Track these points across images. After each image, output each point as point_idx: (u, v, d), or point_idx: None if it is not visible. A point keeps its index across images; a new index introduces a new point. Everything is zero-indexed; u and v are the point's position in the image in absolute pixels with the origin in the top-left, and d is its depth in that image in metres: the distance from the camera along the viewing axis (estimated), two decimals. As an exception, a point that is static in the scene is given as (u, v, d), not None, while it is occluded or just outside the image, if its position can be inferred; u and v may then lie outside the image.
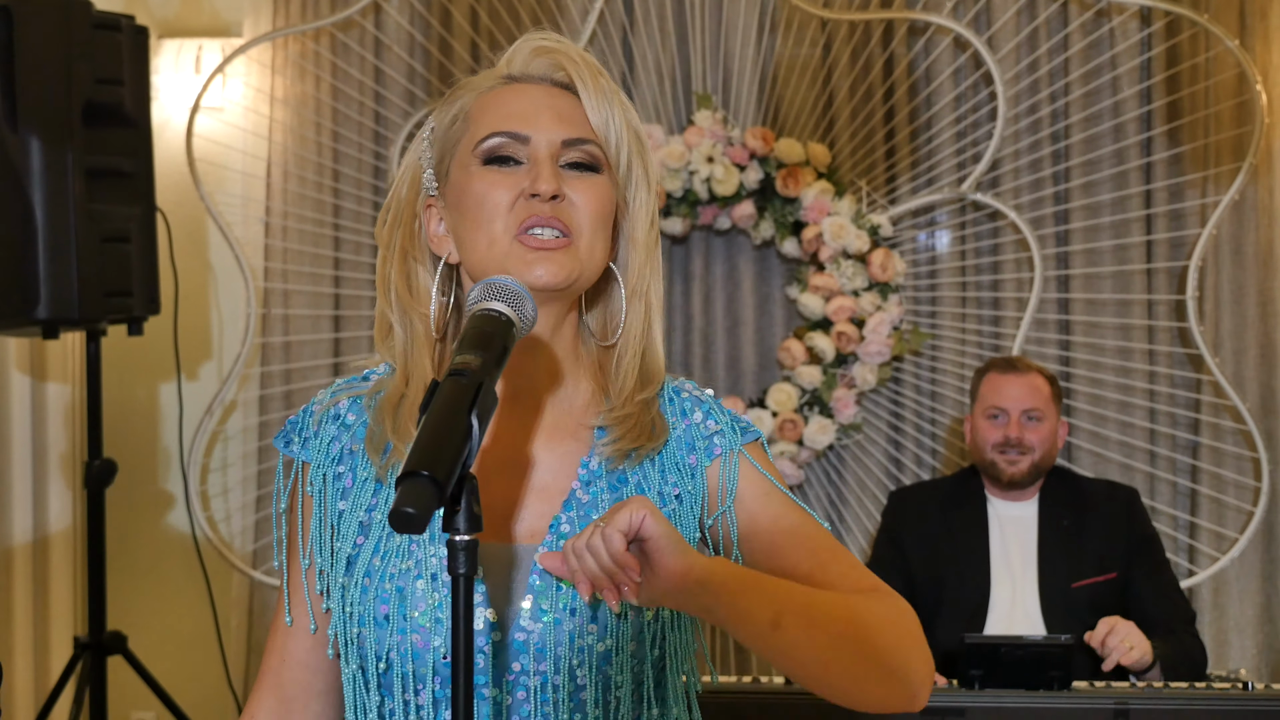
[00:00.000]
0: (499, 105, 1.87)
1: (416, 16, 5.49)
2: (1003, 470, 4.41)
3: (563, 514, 1.83)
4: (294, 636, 1.93)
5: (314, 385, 5.48)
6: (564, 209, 1.82)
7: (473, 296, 1.68)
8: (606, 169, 1.87)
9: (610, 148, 1.87)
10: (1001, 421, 4.42)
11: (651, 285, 1.92)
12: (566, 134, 1.85)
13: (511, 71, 1.91)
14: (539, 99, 1.87)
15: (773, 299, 5.55)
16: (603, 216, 1.85)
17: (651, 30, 5.40)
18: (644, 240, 1.91)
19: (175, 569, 5.50)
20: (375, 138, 5.52)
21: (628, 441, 1.85)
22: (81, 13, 4.40)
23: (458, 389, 1.53)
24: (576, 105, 1.87)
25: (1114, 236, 5.36)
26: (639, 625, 1.79)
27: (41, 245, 4.27)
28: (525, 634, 1.77)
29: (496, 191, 1.83)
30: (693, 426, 1.90)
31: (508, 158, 1.85)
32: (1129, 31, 5.33)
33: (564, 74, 1.89)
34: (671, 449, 1.88)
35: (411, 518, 1.41)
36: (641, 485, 1.86)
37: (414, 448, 1.46)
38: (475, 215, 1.84)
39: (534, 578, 1.79)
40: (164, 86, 5.45)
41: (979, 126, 5.40)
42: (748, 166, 5.34)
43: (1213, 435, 5.31)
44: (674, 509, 1.85)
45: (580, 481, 1.85)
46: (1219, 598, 5.30)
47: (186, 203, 5.40)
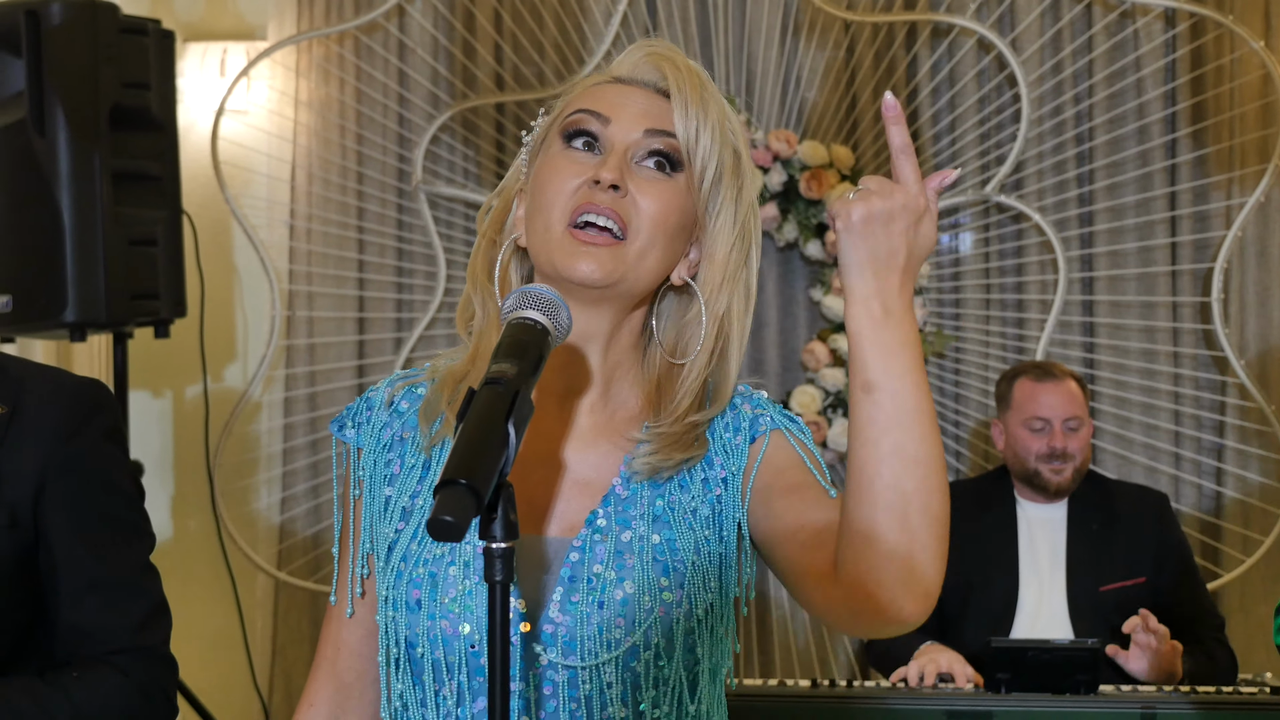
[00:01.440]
0: (594, 94, 1.88)
1: (440, 19, 5.51)
2: (1048, 480, 4.39)
3: (600, 509, 1.82)
4: (348, 625, 1.94)
5: (338, 387, 5.50)
6: (624, 204, 1.81)
7: (507, 305, 1.67)
8: (686, 173, 1.84)
9: (694, 151, 1.84)
10: (1045, 432, 4.39)
11: (731, 309, 1.87)
12: (648, 124, 1.84)
13: (618, 73, 1.90)
14: (633, 97, 1.86)
15: (796, 301, 5.55)
16: (665, 223, 1.82)
17: (675, 32, 5.41)
18: (722, 260, 1.86)
19: (201, 570, 5.52)
20: (399, 140, 5.53)
21: (661, 456, 1.83)
22: (108, 17, 4.42)
23: (494, 397, 1.53)
24: (670, 111, 1.85)
25: (1138, 238, 5.35)
26: (669, 623, 1.79)
27: (69, 248, 4.28)
28: (553, 625, 1.77)
29: (563, 176, 1.82)
30: (741, 414, 1.88)
31: (586, 133, 1.84)
32: (1153, 33, 5.33)
33: (667, 80, 1.86)
34: (719, 433, 1.87)
35: (450, 525, 1.41)
36: (684, 478, 1.85)
37: (452, 456, 1.46)
38: (540, 198, 1.84)
39: (565, 570, 1.79)
40: (189, 90, 5.47)
41: (1003, 128, 5.40)
42: (771, 169, 5.35)
43: (1238, 438, 5.30)
44: (719, 494, 1.84)
45: (621, 478, 1.84)
46: (1245, 600, 5.29)
47: (211, 205, 5.42)
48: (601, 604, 1.77)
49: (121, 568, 2.33)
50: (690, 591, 1.79)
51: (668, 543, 1.81)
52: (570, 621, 1.77)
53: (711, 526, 1.83)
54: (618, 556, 1.79)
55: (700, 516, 1.83)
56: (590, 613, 1.77)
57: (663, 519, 1.82)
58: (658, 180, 1.83)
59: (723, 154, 1.85)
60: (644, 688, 1.79)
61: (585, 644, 1.77)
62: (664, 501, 1.83)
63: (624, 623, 1.77)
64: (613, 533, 1.81)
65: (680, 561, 1.80)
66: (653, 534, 1.81)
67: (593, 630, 1.77)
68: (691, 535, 1.82)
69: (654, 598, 1.77)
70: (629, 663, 1.78)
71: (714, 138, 1.84)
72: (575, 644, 1.77)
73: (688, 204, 1.85)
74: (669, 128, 1.83)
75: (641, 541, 1.80)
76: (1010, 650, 3.86)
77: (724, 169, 1.86)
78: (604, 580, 1.78)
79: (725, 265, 1.87)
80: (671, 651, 1.80)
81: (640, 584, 1.77)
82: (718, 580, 1.83)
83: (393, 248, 5.52)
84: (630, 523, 1.82)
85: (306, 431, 5.50)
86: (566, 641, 1.77)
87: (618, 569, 1.78)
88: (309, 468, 5.50)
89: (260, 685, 5.43)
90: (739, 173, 1.87)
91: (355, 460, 1.93)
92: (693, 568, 1.80)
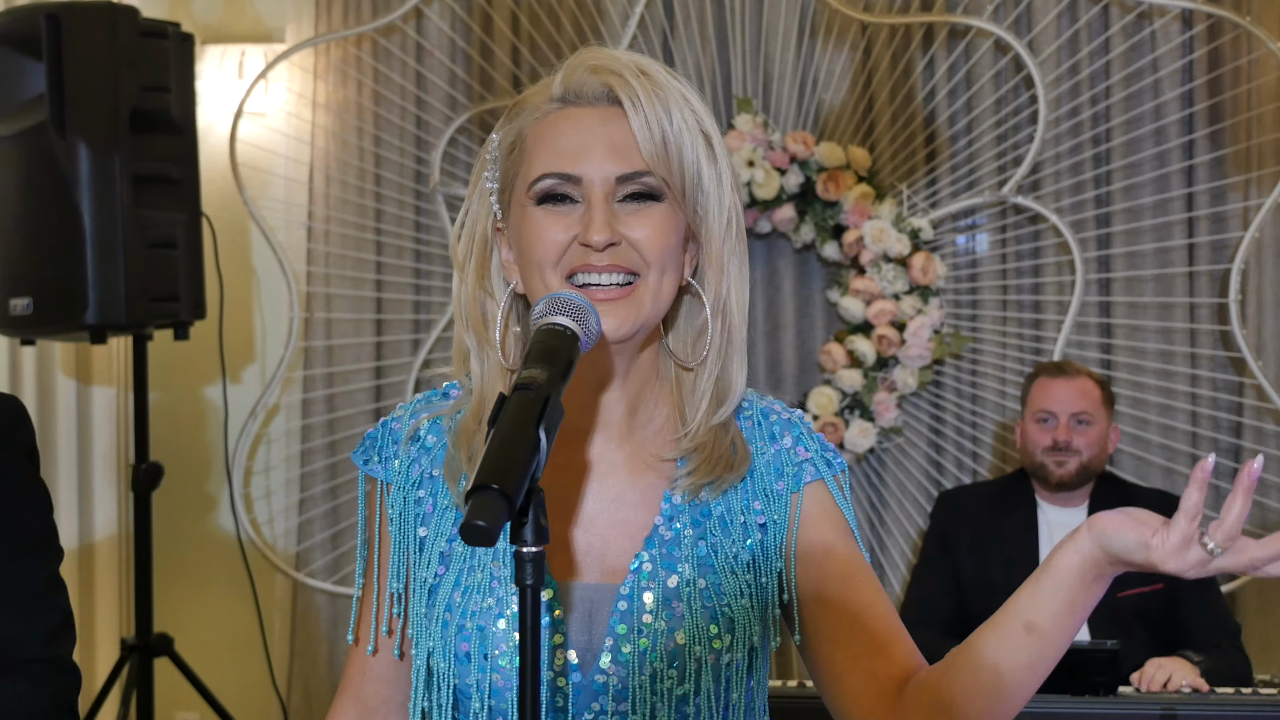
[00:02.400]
0: (552, 139, 1.80)
1: (457, 21, 5.51)
2: (1051, 472, 4.41)
3: (645, 552, 1.81)
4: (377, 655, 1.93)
5: (356, 389, 5.51)
6: (622, 253, 1.78)
7: (537, 311, 1.68)
8: (668, 193, 1.80)
9: (671, 170, 1.79)
10: (1050, 425, 4.44)
11: (730, 297, 1.86)
12: (619, 169, 1.78)
13: (565, 92, 1.82)
14: (591, 129, 1.79)
15: (813, 302, 5.55)
16: (667, 248, 1.79)
17: (692, 34, 5.41)
18: (717, 251, 1.85)
19: (220, 571, 5.53)
20: (417, 142, 5.54)
21: (703, 474, 1.82)
22: (128, 20, 4.43)
23: (525, 403, 1.53)
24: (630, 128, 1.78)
25: (1156, 239, 5.35)
26: (719, 669, 1.79)
27: (89, 251, 4.30)
28: (605, 675, 1.77)
29: (549, 234, 1.78)
30: (782, 452, 1.88)
31: (561, 196, 1.79)
32: (1170, 34, 5.32)
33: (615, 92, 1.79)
34: (760, 474, 1.86)
35: (482, 530, 1.41)
36: (725, 519, 1.84)
37: (483, 462, 1.46)
38: (529, 257, 1.80)
39: (615, 619, 1.78)
40: (207, 92, 5.48)
41: (1020, 130, 5.39)
42: (788, 170, 5.35)
43: (1255, 439, 5.29)
44: (758, 539, 1.84)
45: (663, 517, 1.83)
46: (1263, 602, 5.28)
47: (230, 207, 5.44)
48: (655, 655, 1.77)
49: (34, 580, 2.35)
50: (739, 636, 1.80)
51: (714, 587, 1.80)
52: (623, 673, 1.77)
53: (752, 571, 1.83)
54: (666, 605, 1.78)
55: (742, 562, 1.83)
56: (642, 663, 1.76)
57: (707, 562, 1.82)
58: (643, 209, 1.80)
59: (695, 148, 1.81)
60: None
61: (638, 694, 1.77)
62: (707, 544, 1.83)
63: (677, 673, 1.77)
64: (659, 578, 1.80)
65: (727, 607, 1.80)
66: (699, 579, 1.80)
67: (645, 680, 1.77)
68: (735, 580, 1.81)
69: (704, 646, 1.77)
70: (681, 709, 1.78)
71: (683, 138, 1.80)
72: (627, 692, 1.77)
73: (678, 216, 1.82)
74: (637, 165, 1.78)
75: (689, 587, 1.79)
76: (1029, 652, 3.85)
77: (700, 161, 1.82)
78: (654, 630, 1.77)
79: (720, 254, 1.86)
80: (720, 695, 1.80)
81: (690, 633, 1.77)
82: (761, 624, 1.83)
83: (410, 249, 5.53)
84: (675, 566, 1.81)
85: (325, 433, 5.51)
86: (619, 690, 1.77)
87: (668, 618, 1.78)
88: (327, 469, 5.51)
89: (279, 685, 5.44)
90: (714, 155, 1.83)
91: (384, 495, 1.90)
92: (740, 612, 1.80)
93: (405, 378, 5.48)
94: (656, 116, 1.78)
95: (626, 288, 1.78)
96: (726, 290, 1.86)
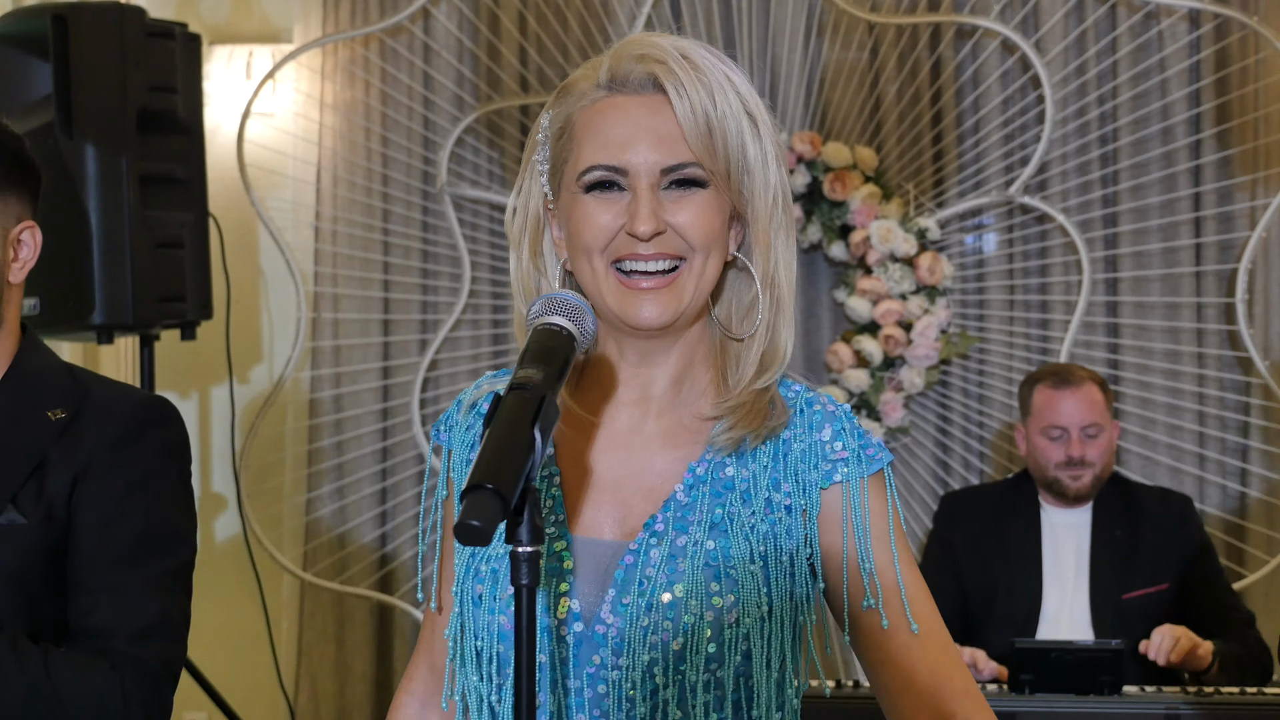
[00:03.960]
0: (599, 129, 1.84)
1: (465, 22, 5.52)
2: (1067, 487, 4.39)
3: (660, 514, 1.84)
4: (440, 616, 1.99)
5: (363, 389, 5.52)
6: (668, 240, 1.82)
7: (534, 310, 1.70)
8: (713, 180, 1.83)
9: (716, 156, 1.82)
10: (1062, 441, 4.38)
11: (779, 269, 1.89)
12: (664, 160, 1.82)
13: (611, 80, 1.87)
14: (637, 120, 1.83)
15: (820, 302, 5.55)
16: (712, 233, 1.83)
17: (699, 34, 5.41)
18: (765, 228, 1.87)
19: (227, 571, 5.54)
20: (424, 143, 5.54)
21: (741, 427, 1.85)
22: (135, 21, 4.44)
23: (520, 403, 1.55)
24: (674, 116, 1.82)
25: (1163, 239, 5.34)
26: (719, 628, 1.79)
27: (96, 251, 4.31)
28: (605, 627, 1.79)
29: (595, 222, 1.83)
30: (818, 444, 1.88)
31: (608, 185, 1.83)
32: (1178, 34, 5.31)
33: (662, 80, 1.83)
34: (794, 460, 1.87)
35: (477, 530, 1.43)
36: (748, 493, 1.86)
37: (478, 461, 1.48)
38: (577, 242, 1.85)
39: (619, 573, 1.81)
40: (215, 92, 5.49)
41: (1026, 129, 5.39)
42: (795, 170, 5.35)
43: (1262, 439, 5.29)
44: (780, 518, 1.85)
45: (683, 485, 1.86)
46: (1270, 601, 5.28)
47: (237, 208, 5.45)
48: (650, 606, 1.79)
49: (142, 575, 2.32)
50: (743, 598, 1.80)
51: (722, 549, 1.82)
52: (621, 623, 1.79)
53: (769, 541, 1.84)
54: (670, 561, 1.81)
55: (759, 532, 1.84)
56: (638, 614, 1.78)
57: (720, 527, 1.83)
58: (689, 196, 1.84)
59: (740, 130, 1.84)
60: (698, 693, 1.80)
61: (633, 645, 1.78)
62: (723, 510, 1.84)
63: (671, 626, 1.78)
64: (669, 538, 1.82)
65: (733, 568, 1.81)
66: (708, 540, 1.82)
67: (640, 632, 1.78)
68: (747, 545, 1.82)
69: (702, 601, 1.78)
70: (679, 666, 1.79)
71: (727, 123, 1.83)
72: (624, 645, 1.78)
73: (723, 200, 1.85)
74: (683, 157, 1.82)
75: (696, 547, 1.81)
76: (1034, 651, 3.86)
77: (745, 143, 1.85)
78: (655, 583, 1.79)
79: (768, 231, 1.88)
80: (723, 658, 1.80)
81: (689, 588, 1.79)
82: (774, 594, 1.83)
83: (418, 250, 5.54)
84: (687, 529, 1.83)
85: (332, 433, 5.52)
86: (616, 643, 1.79)
87: (669, 573, 1.80)
88: (334, 469, 5.52)
89: (286, 686, 5.45)
90: (759, 134, 1.86)
91: (446, 461, 1.98)
92: (746, 575, 1.81)
93: (412, 378, 5.48)
94: (701, 104, 1.81)
95: (671, 274, 1.83)
96: (774, 264, 1.89)
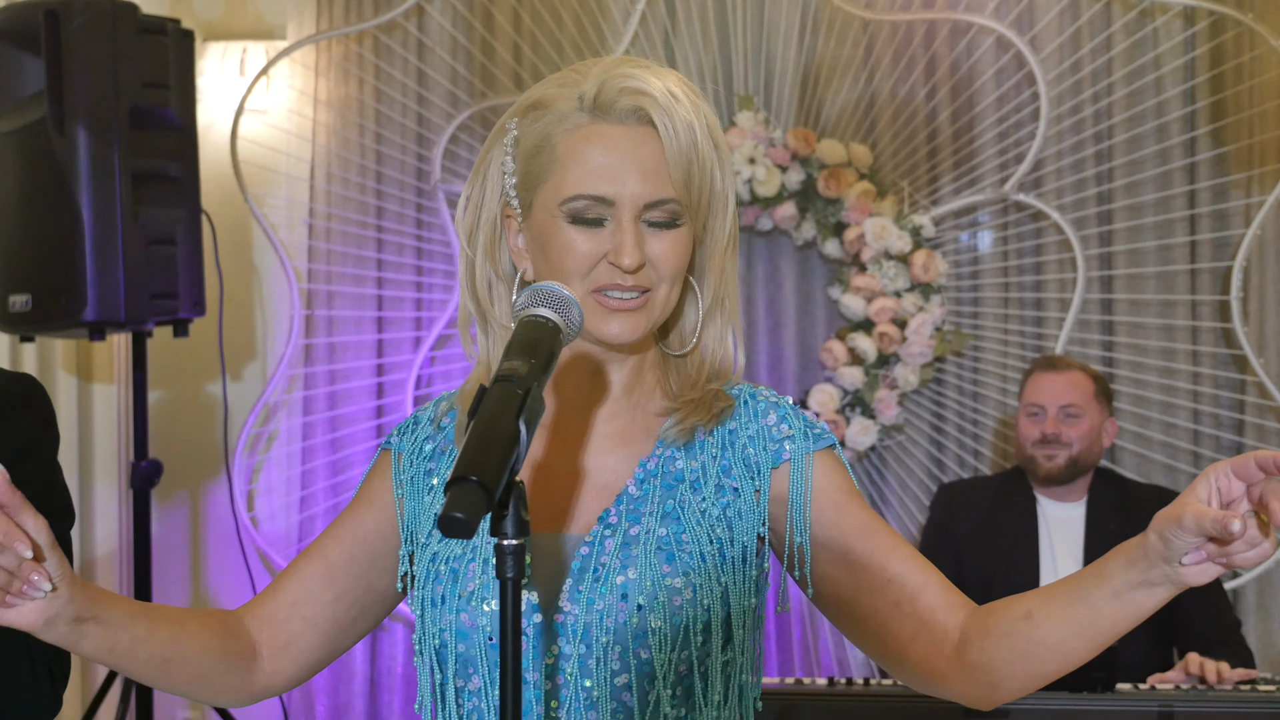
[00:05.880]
0: (585, 157, 1.87)
1: (459, 19, 5.51)
2: (1040, 465, 4.40)
3: (613, 507, 1.88)
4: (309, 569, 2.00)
5: (357, 386, 5.51)
6: (644, 274, 1.87)
7: (520, 302, 1.72)
8: (686, 213, 1.89)
9: (693, 195, 1.89)
10: (1040, 418, 4.43)
11: (727, 295, 1.97)
12: (649, 196, 1.86)
13: (596, 106, 1.88)
14: (624, 151, 1.87)
15: (815, 300, 5.54)
16: (681, 266, 1.90)
17: (693, 31, 5.41)
18: (719, 259, 1.96)
19: (220, 569, 5.53)
20: (418, 140, 5.54)
21: (694, 418, 1.91)
22: (128, 16, 4.43)
23: (506, 394, 1.54)
24: (660, 152, 1.87)
25: (1157, 237, 5.34)
26: (672, 610, 1.81)
27: (88, 248, 4.29)
28: (564, 615, 1.82)
29: (581, 249, 1.87)
30: (765, 428, 1.93)
31: (593, 219, 1.87)
32: (1172, 31, 5.31)
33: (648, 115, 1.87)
34: (740, 445, 1.92)
35: (460, 522, 1.42)
36: (698, 482, 1.90)
37: (463, 453, 1.48)
38: (557, 264, 1.88)
39: (575, 563, 1.84)
40: (208, 89, 5.48)
41: (1021, 127, 5.39)
42: (789, 168, 5.35)
43: (1257, 436, 5.28)
44: (730, 500, 1.89)
45: (635, 480, 1.90)
46: (1264, 599, 5.28)
47: (231, 205, 5.44)
48: (606, 590, 1.81)
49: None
50: (698, 582, 1.83)
51: (674, 535, 1.85)
52: (577, 610, 1.81)
53: (721, 525, 1.87)
54: (624, 549, 1.84)
55: (710, 516, 1.87)
56: (594, 599, 1.81)
57: (672, 515, 1.87)
58: (666, 233, 1.89)
59: (714, 165, 1.92)
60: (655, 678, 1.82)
61: (591, 630, 1.80)
62: (674, 501, 1.88)
63: (626, 607, 1.81)
64: (622, 528, 1.86)
65: (686, 553, 1.84)
66: (660, 528, 1.86)
67: (596, 617, 1.80)
68: (699, 530, 1.86)
69: (656, 583, 1.81)
70: (636, 648, 1.81)
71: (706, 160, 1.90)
72: (581, 631, 1.81)
73: (691, 233, 1.92)
74: (665, 195, 1.87)
75: (649, 535, 1.85)
76: (1027, 648, 3.85)
77: (715, 175, 1.92)
78: (609, 569, 1.82)
79: (721, 261, 1.96)
80: (678, 642, 1.82)
81: (642, 570, 1.82)
82: (727, 577, 1.86)
83: (412, 247, 5.53)
84: (640, 519, 1.86)
85: (326, 430, 5.51)
86: (574, 630, 1.81)
87: (623, 559, 1.83)
88: (328, 467, 5.51)
89: (279, 683, 5.44)
90: (722, 163, 1.93)
91: (396, 464, 2.00)
92: (699, 559, 1.84)
93: (407, 375, 5.48)
94: (686, 143, 1.88)
95: (642, 298, 1.88)
96: (725, 288, 1.97)
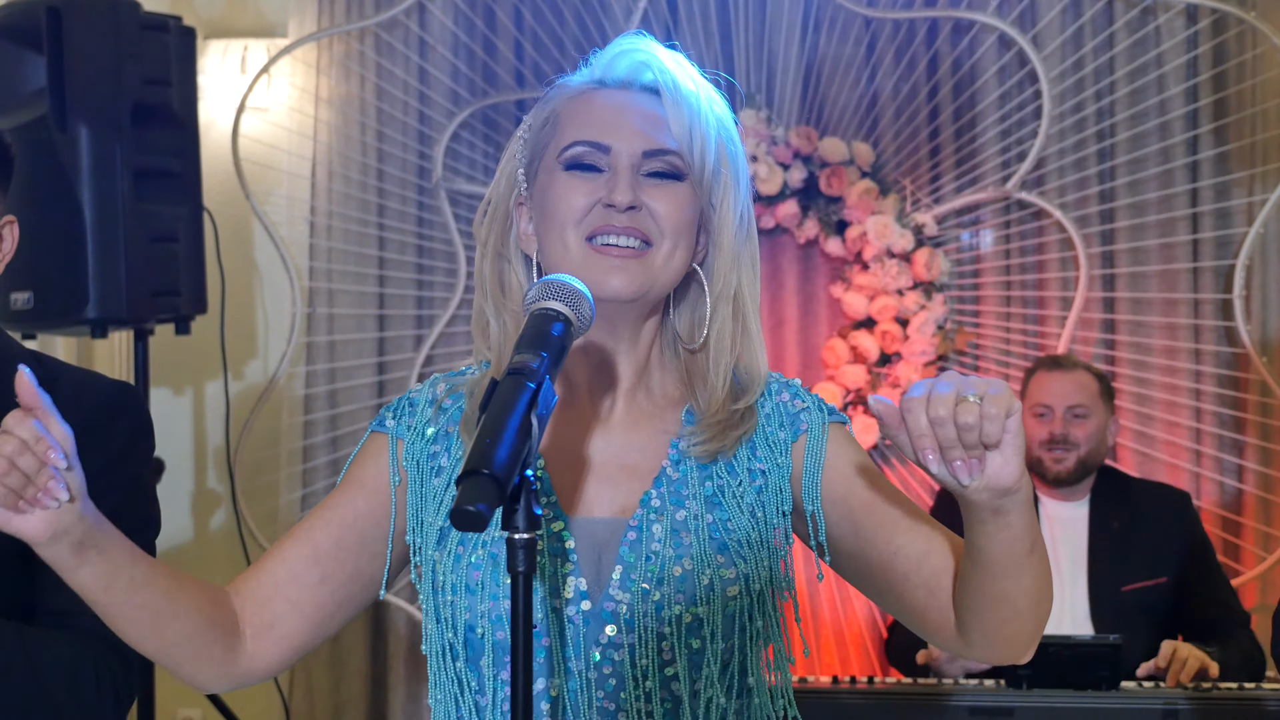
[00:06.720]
0: (585, 112, 1.90)
1: (461, 16, 5.51)
2: (1048, 468, 4.39)
3: (653, 490, 1.87)
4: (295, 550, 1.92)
5: (359, 384, 5.51)
6: (641, 218, 1.86)
7: (530, 295, 1.71)
8: (688, 176, 1.88)
9: (693, 155, 1.88)
10: (1047, 419, 4.41)
11: (742, 288, 1.93)
12: (647, 144, 1.87)
13: (601, 75, 1.93)
14: (624, 106, 1.89)
15: (816, 298, 5.54)
16: (683, 224, 1.88)
17: (695, 29, 5.41)
18: (730, 244, 1.92)
19: (221, 567, 5.52)
20: (420, 137, 5.53)
21: (715, 443, 1.88)
22: (129, 14, 4.42)
23: (517, 387, 1.55)
24: (662, 110, 1.89)
25: (1160, 235, 5.33)
26: (725, 600, 1.82)
27: (90, 245, 4.29)
28: (614, 603, 1.81)
29: (573, 197, 1.86)
30: (780, 405, 1.93)
31: (589, 165, 1.87)
32: (1175, 29, 5.31)
33: (652, 77, 1.91)
34: (760, 425, 1.92)
35: (474, 516, 1.42)
36: (731, 464, 1.89)
37: (474, 446, 1.48)
38: (552, 218, 1.87)
39: (624, 549, 1.82)
40: (210, 87, 5.47)
41: (1024, 125, 5.38)
42: (791, 165, 5.34)
43: (1259, 434, 5.28)
44: (761, 484, 1.89)
45: (670, 460, 1.89)
46: (1266, 597, 5.26)
47: (232, 203, 5.43)
48: (661, 580, 1.81)
49: None
50: (745, 570, 1.83)
51: (721, 522, 1.85)
52: (631, 599, 1.80)
53: (761, 509, 1.88)
54: (674, 535, 1.83)
55: (747, 502, 1.88)
56: (650, 589, 1.80)
57: (714, 499, 1.86)
58: (665, 185, 1.88)
59: (719, 142, 1.91)
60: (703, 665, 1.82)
61: (645, 620, 1.80)
62: (714, 484, 1.88)
63: (683, 599, 1.81)
64: (667, 512, 1.85)
65: (735, 540, 1.84)
66: (706, 514, 1.85)
67: (651, 607, 1.80)
68: (742, 516, 1.86)
69: (712, 574, 1.81)
70: (688, 639, 1.81)
71: (709, 131, 1.90)
72: (634, 621, 1.80)
73: (695, 200, 1.90)
74: (665, 144, 1.88)
75: (696, 520, 1.84)
76: (1031, 646, 3.85)
77: (721, 157, 1.92)
78: (663, 558, 1.81)
79: (733, 247, 1.93)
80: (730, 630, 1.83)
81: (698, 561, 1.81)
82: (772, 561, 1.87)
83: (413, 245, 5.53)
84: (684, 502, 1.86)
85: (327, 428, 5.51)
86: (627, 619, 1.80)
87: (675, 546, 1.82)
88: (330, 464, 5.51)
89: (280, 682, 5.43)
90: (733, 153, 1.93)
91: (394, 450, 1.94)
92: (747, 546, 1.85)
93: (408, 373, 5.47)
94: (688, 105, 1.89)
95: (642, 252, 1.86)
96: (739, 282, 1.94)
